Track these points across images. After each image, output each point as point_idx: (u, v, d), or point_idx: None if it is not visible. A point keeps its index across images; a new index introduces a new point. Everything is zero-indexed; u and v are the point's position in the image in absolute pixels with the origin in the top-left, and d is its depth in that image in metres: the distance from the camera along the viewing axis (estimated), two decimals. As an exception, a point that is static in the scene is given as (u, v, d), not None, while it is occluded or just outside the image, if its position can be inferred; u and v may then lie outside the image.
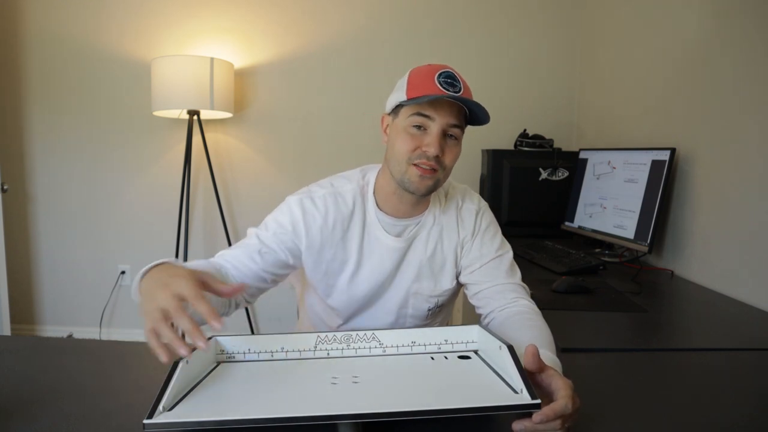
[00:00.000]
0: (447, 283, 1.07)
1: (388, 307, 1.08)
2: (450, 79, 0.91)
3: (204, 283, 0.70)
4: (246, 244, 1.01)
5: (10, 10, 2.64)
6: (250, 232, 1.03)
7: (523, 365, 0.66)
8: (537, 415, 0.60)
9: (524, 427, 0.61)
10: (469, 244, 1.07)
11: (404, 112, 0.95)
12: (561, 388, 0.63)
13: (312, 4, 2.63)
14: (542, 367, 0.67)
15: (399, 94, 0.95)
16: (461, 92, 0.91)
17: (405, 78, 0.96)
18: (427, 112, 0.92)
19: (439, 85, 0.90)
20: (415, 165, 0.94)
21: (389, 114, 1.00)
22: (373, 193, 1.04)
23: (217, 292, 0.71)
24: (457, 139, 0.96)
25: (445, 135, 0.94)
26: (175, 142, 2.70)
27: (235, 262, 0.98)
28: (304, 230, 1.01)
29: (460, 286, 1.11)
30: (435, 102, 0.91)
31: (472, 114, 0.96)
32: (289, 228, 1.01)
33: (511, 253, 1.09)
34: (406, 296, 1.07)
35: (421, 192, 0.96)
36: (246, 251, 0.99)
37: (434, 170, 0.94)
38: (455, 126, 0.94)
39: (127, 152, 2.72)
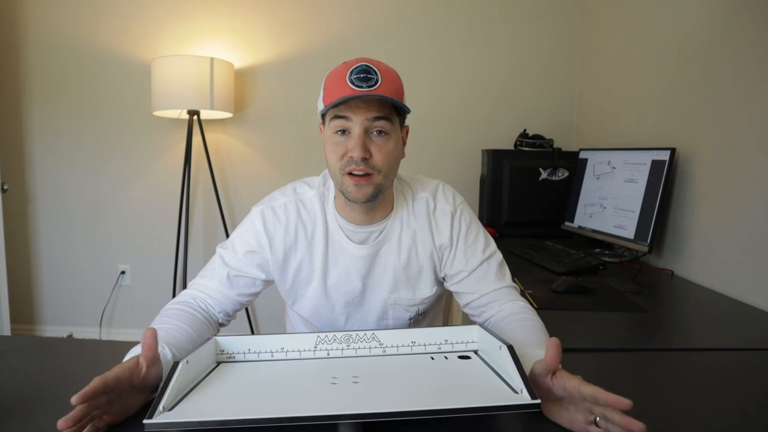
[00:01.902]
0: (426, 291, 1.03)
1: (367, 319, 1.04)
2: (363, 73, 0.85)
3: (134, 370, 0.66)
4: (213, 271, 0.99)
5: (10, 10, 2.64)
6: (216, 254, 1.01)
7: (540, 363, 0.67)
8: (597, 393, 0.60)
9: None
10: (450, 251, 1.01)
11: (327, 120, 0.91)
12: (576, 384, 0.63)
13: (312, 4, 2.63)
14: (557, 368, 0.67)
15: (320, 104, 0.92)
16: (378, 84, 0.85)
17: (322, 84, 0.92)
18: (343, 114, 0.87)
19: (350, 84, 0.84)
20: (349, 175, 0.88)
21: (322, 123, 0.96)
22: (334, 199, 1.00)
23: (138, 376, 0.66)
24: (388, 133, 0.89)
25: (369, 132, 0.88)
26: (175, 142, 2.70)
27: (208, 291, 0.98)
28: (267, 242, 0.98)
29: (442, 291, 1.08)
30: (351, 102, 0.86)
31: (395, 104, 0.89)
32: (254, 243, 0.98)
33: (498, 254, 1.03)
34: (384, 307, 1.02)
35: (361, 200, 0.90)
36: (216, 279, 0.98)
37: (369, 175, 0.88)
38: (379, 119, 0.87)
39: (127, 152, 2.72)
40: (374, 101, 0.87)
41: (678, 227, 1.68)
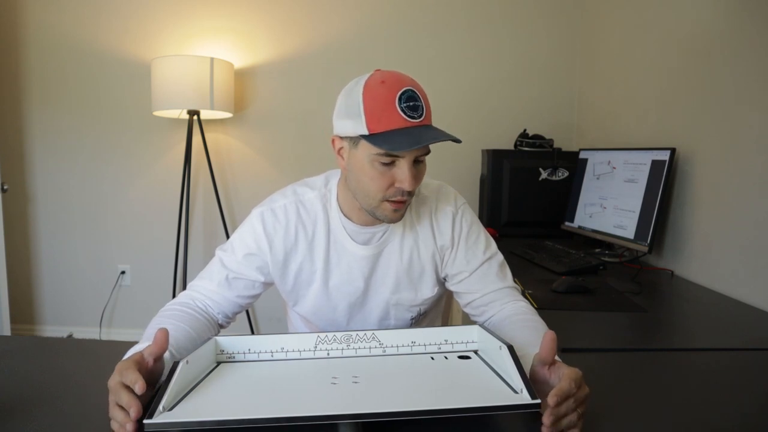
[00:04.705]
0: (428, 291, 1.03)
1: (369, 319, 1.04)
2: (412, 101, 0.82)
3: (141, 363, 0.67)
4: (212, 273, 0.99)
5: (10, 10, 2.64)
6: (215, 255, 1.01)
7: (537, 355, 0.68)
8: (551, 398, 0.60)
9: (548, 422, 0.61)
10: (451, 252, 1.01)
11: (366, 146, 0.84)
12: (565, 374, 0.64)
13: (312, 4, 2.63)
14: (554, 360, 0.68)
15: (356, 124, 0.83)
16: (424, 113, 0.84)
17: (359, 100, 0.83)
18: (397, 153, 0.83)
19: (401, 113, 0.81)
20: (389, 201, 0.88)
21: (342, 138, 0.90)
22: (337, 200, 0.99)
23: (149, 369, 0.68)
24: (424, 161, 0.90)
25: (414, 162, 0.87)
26: (175, 142, 2.70)
27: (207, 293, 0.98)
28: (267, 244, 0.97)
29: (443, 291, 1.08)
30: (404, 139, 0.81)
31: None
32: (253, 246, 0.98)
33: (498, 254, 1.04)
34: (386, 307, 1.02)
35: (395, 222, 0.92)
36: (215, 281, 0.98)
37: (405, 201, 0.89)
38: (424, 153, 0.88)
39: (127, 152, 2.72)
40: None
41: (678, 227, 1.68)
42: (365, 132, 0.83)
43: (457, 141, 0.84)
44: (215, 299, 0.98)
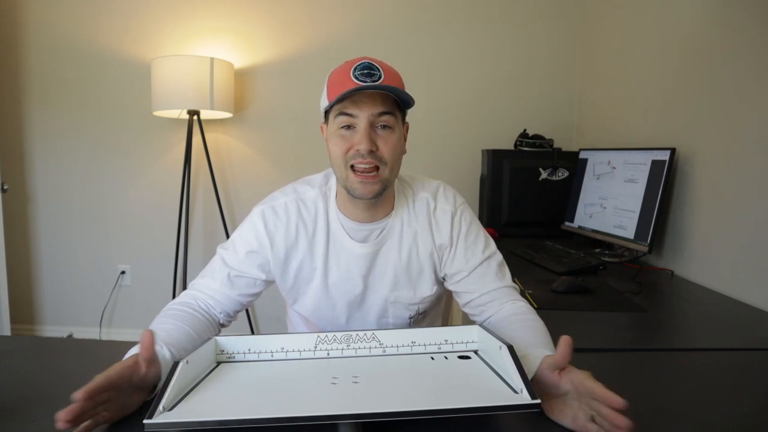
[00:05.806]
0: (427, 290, 1.03)
1: (368, 318, 1.04)
2: (367, 69, 0.87)
3: (133, 368, 0.66)
4: (214, 271, 0.99)
5: (10, 10, 2.64)
6: (217, 254, 1.01)
7: (549, 357, 0.67)
8: (620, 402, 0.59)
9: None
10: (450, 251, 1.01)
11: (331, 117, 0.91)
12: (585, 378, 0.63)
13: (312, 4, 2.63)
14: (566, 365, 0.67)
15: (323, 101, 0.93)
16: (381, 79, 0.87)
17: (326, 81, 0.93)
18: (349, 111, 0.88)
19: (354, 79, 0.86)
20: (353, 169, 0.90)
21: (324, 122, 0.96)
22: (335, 197, 1.00)
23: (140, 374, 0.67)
24: (392, 127, 0.91)
25: (374, 127, 0.89)
26: (175, 142, 2.70)
27: (209, 291, 0.98)
28: (268, 242, 0.98)
29: (442, 291, 1.08)
30: (356, 97, 0.87)
31: (401, 97, 0.90)
32: (254, 243, 0.98)
33: (497, 254, 1.04)
34: (384, 305, 1.03)
35: (368, 197, 0.91)
36: (217, 280, 0.98)
37: (375, 169, 0.90)
38: (384, 113, 0.89)
39: (127, 152, 2.72)
40: (378, 96, 0.88)
41: (678, 227, 1.68)
42: (326, 103, 0.91)
43: (405, 98, 0.88)
44: (217, 298, 0.98)
